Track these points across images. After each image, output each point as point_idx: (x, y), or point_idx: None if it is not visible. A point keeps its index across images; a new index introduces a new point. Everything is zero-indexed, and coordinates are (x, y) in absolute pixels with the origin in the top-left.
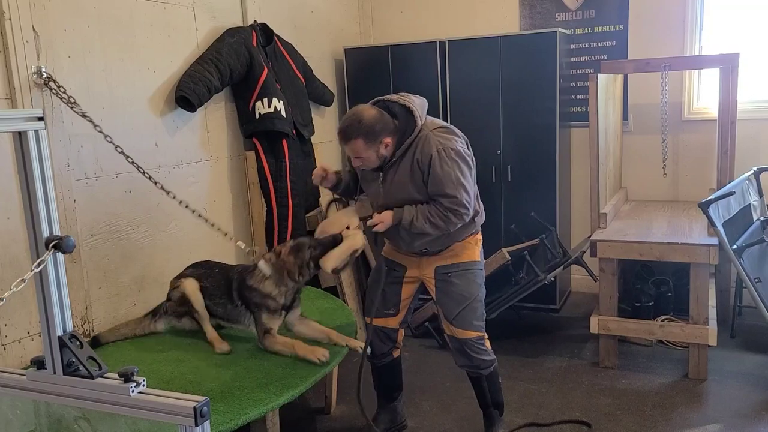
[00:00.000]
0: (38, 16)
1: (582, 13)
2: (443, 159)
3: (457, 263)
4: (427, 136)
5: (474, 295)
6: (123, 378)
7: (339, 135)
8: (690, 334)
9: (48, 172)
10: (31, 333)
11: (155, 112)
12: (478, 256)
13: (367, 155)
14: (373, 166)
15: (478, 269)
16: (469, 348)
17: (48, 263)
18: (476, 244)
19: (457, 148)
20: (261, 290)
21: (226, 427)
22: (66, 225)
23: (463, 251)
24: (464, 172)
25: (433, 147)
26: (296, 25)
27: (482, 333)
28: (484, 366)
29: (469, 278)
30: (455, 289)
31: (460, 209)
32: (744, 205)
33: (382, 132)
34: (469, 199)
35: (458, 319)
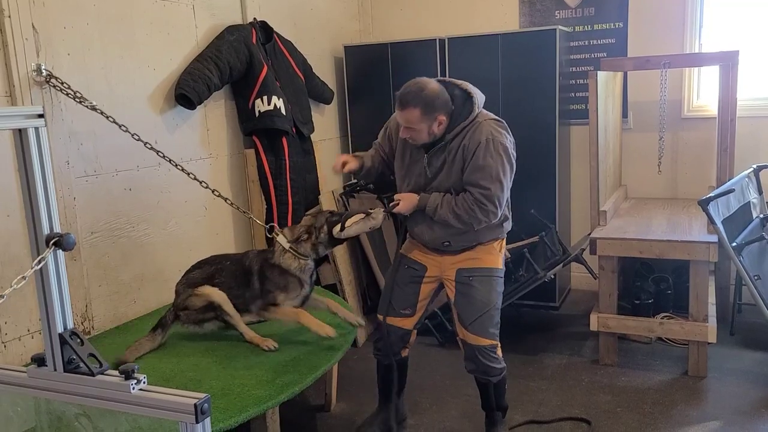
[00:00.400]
0: (38, 14)
1: (582, 10)
2: (489, 149)
3: (480, 267)
4: (480, 124)
5: (493, 303)
6: (124, 375)
7: (398, 101)
8: (689, 331)
9: (48, 169)
10: (31, 330)
11: (155, 109)
12: (501, 263)
13: (420, 127)
14: (422, 141)
15: (499, 277)
16: (482, 355)
17: (48, 261)
18: (500, 251)
19: (505, 143)
20: (280, 265)
21: (227, 425)
22: (66, 223)
23: (487, 256)
24: (506, 169)
25: (483, 135)
26: (296, 23)
27: (496, 341)
28: (494, 374)
29: (492, 285)
30: (476, 294)
31: (488, 204)
32: (743, 203)
33: (440, 108)
34: (501, 198)
35: (475, 325)
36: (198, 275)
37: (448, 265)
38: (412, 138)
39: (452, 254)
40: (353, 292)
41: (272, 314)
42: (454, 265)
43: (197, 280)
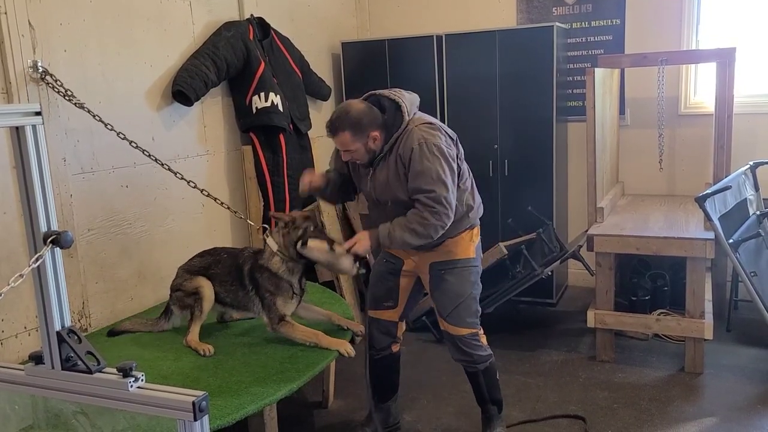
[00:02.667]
0: (34, 10)
1: (579, 7)
2: (423, 153)
3: (451, 260)
4: (411, 130)
5: (467, 293)
6: (121, 373)
7: (327, 128)
8: (686, 328)
9: (45, 167)
10: (28, 328)
11: (152, 106)
12: (473, 252)
13: (356, 147)
14: (363, 160)
15: (472, 266)
16: (463, 344)
17: (46, 258)
18: (471, 240)
19: (439, 144)
20: (269, 268)
21: (224, 422)
22: (63, 220)
23: (457, 248)
24: (445, 169)
25: (415, 141)
26: (293, 19)
27: (476, 329)
28: (480, 360)
29: (464, 276)
30: (449, 287)
31: (437, 206)
32: (740, 200)
33: (369, 126)
34: (448, 198)
35: (452, 316)
36: (197, 263)
37: (422, 260)
38: (353, 158)
39: (426, 250)
40: (350, 289)
41: (290, 334)
42: (427, 259)
43: (195, 268)
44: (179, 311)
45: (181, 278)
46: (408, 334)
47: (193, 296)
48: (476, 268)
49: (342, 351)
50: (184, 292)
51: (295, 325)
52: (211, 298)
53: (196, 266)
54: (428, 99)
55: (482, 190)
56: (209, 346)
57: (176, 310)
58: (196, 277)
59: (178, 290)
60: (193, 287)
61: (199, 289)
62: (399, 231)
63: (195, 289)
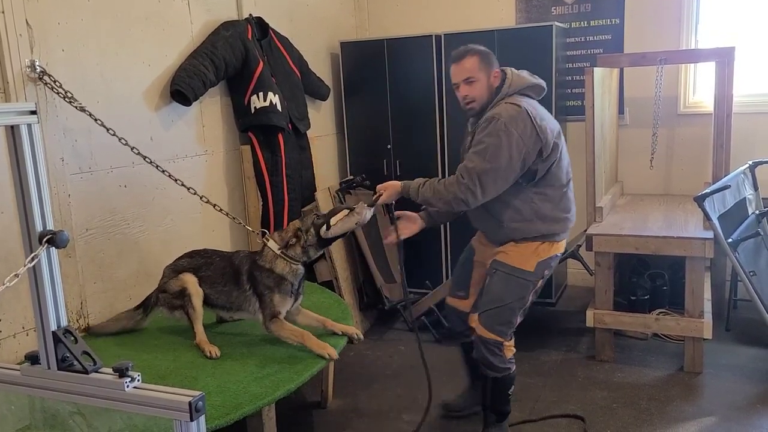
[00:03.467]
0: (31, 9)
1: (578, 6)
2: (489, 127)
3: (505, 263)
4: (500, 103)
5: (506, 302)
6: (118, 373)
7: (453, 58)
8: (685, 327)
9: (41, 166)
10: (26, 328)
11: (150, 106)
12: (532, 266)
13: (480, 77)
14: (481, 100)
15: (524, 279)
16: (484, 346)
17: (42, 258)
18: (534, 252)
19: (510, 126)
20: (273, 269)
21: (222, 422)
22: (61, 219)
23: (516, 255)
24: (500, 150)
25: (493, 112)
26: (292, 19)
27: (502, 339)
28: (494, 369)
29: (510, 284)
30: (492, 287)
31: (465, 178)
32: (739, 199)
33: (494, 63)
34: (483, 178)
35: (483, 315)
36: (186, 264)
37: (488, 254)
38: (471, 95)
39: (493, 243)
40: (349, 289)
41: (279, 332)
42: (493, 255)
43: (183, 268)
44: (169, 312)
45: (167, 278)
46: (407, 334)
47: (181, 295)
48: (528, 282)
49: (324, 354)
50: (171, 293)
51: (285, 324)
52: (200, 292)
53: (185, 266)
54: (427, 98)
55: None
56: (216, 349)
57: (166, 311)
58: (181, 276)
59: (164, 291)
60: (179, 286)
61: (185, 287)
62: (427, 186)
63: (180, 287)
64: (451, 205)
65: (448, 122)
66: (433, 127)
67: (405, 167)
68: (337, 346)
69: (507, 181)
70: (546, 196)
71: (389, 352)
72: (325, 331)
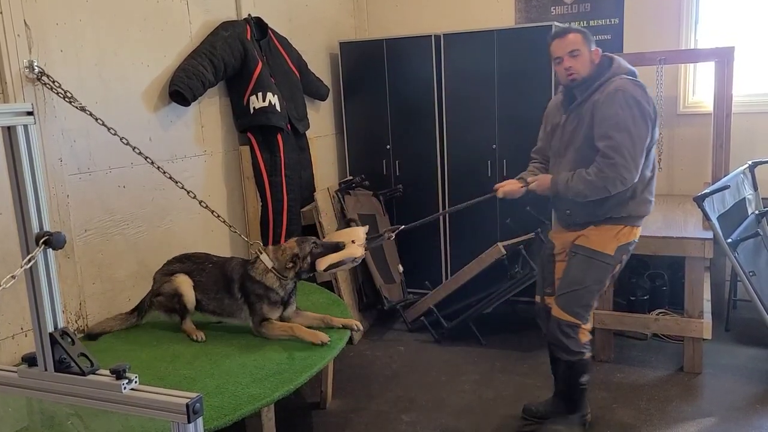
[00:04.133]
0: (30, 10)
1: (577, 6)
2: (617, 100)
3: (585, 246)
4: (614, 80)
5: (585, 284)
6: (115, 375)
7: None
8: (685, 327)
9: (38, 167)
10: (24, 329)
11: (149, 106)
12: (612, 249)
13: (583, 51)
14: (583, 73)
15: (603, 262)
16: (559, 328)
17: (38, 259)
18: (615, 237)
19: (637, 97)
20: (263, 282)
21: (222, 423)
22: (59, 220)
23: (596, 238)
24: (636, 121)
25: (614, 86)
26: (291, 19)
27: (578, 321)
28: (567, 352)
29: (590, 266)
30: (570, 270)
31: (615, 156)
32: (739, 199)
33: (594, 42)
34: (631, 150)
35: (561, 297)
36: (177, 268)
37: (568, 242)
38: (575, 67)
39: (574, 230)
40: (348, 289)
41: (269, 332)
42: (572, 241)
43: (175, 272)
44: (167, 315)
45: (159, 282)
46: (406, 334)
47: (175, 299)
48: (607, 266)
49: (317, 341)
50: (165, 296)
51: (274, 323)
52: (191, 294)
53: (176, 271)
54: (426, 99)
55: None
56: (201, 333)
57: (163, 314)
58: (174, 277)
59: (159, 295)
60: (173, 289)
61: (178, 290)
62: (576, 179)
63: (174, 290)
64: (608, 190)
65: (447, 123)
66: (432, 127)
67: (404, 168)
68: (340, 341)
69: (644, 151)
70: (641, 176)
71: (389, 353)
72: (326, 328)
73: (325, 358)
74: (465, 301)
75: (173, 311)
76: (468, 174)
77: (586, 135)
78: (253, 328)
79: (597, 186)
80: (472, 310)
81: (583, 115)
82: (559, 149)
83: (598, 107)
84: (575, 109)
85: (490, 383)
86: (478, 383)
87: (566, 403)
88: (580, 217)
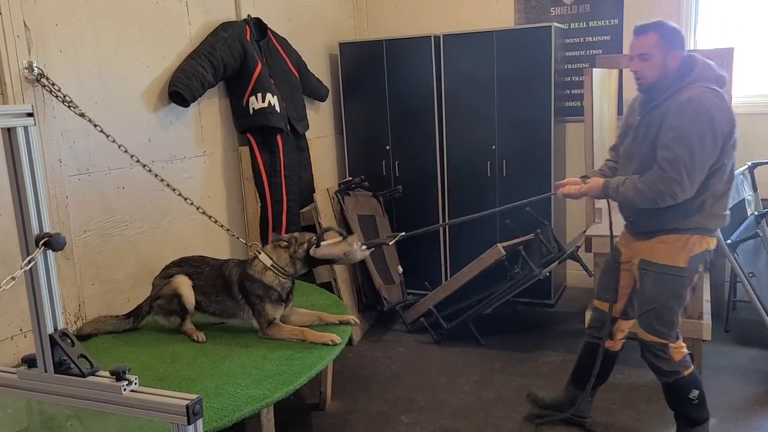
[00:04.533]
0: (29, 10)
1: (577, 7)
2: (686, 110)
3: (654, 263)
4: (691, 86)
5: (662, 302)
6: (115, 376)
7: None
8: (684, 328)
9: (38, 168)
10: (23, 330)
11: (148, 107)
12: (684, 261)
13: (654, 54)
14: (650, 78)
15: (676, 275)
16: (648, 350)
17: (38, 261)
18: (684, 247)
19: (710, 110)
20: (262, 280)
21: (221, 424)
22: (59, 221)
23: (666, 250)
24: (703, 136)
25: (687, 95)
26: (290, 20)
27: (665, 341)
28: (661, 374)
29: (663, 283)
30: (644, 290)
31: (669, 171)
32: (738, 200)
33: (677, 43)
34: (689, 167)
35: (642, 318)
36: (175, 272)
37: (635, 253)
38: (641, 72)
39: (641, 240)
40: (348, 290)
41: (278, 334)
42: (639, 253)
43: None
44: (165, 319)
45: (157, 287)
46: (406, 335)
47: (175, 299)
48: (682, 279)
49: (327, 342)
50: (165, 298)
51: (282, 325)
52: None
53: (175, 274)
54: (426, 99)
55: (480, 191)
56: (202, 334)
57: (162, 319)
58: (173, 279)
59: (158, 298)
60: (172, 290)
61: (177, 290)
62: (628, 185)
63: (173, 291)
64: (656, 203)
65: (447, 123)
66: (432, 128)
67: (404, 168)
68: (336, 347)
69: (705, 169)
70: (712, 190)
71: (388, 354)
72: (322, 325)
73: (325, 359)
74: (465, 302)
75: (173, 313)
76: (467, 174)
77: (653, 143)
78: (260, 330)
79: (646, 196)
80: (472, 310)
81: (654, 121)
82: (628, 153)
83: (667, 115)
84: (650, 112)
85: (489, 384)
86: (478, 384)
87: (686, 420)
88: (642, 226)
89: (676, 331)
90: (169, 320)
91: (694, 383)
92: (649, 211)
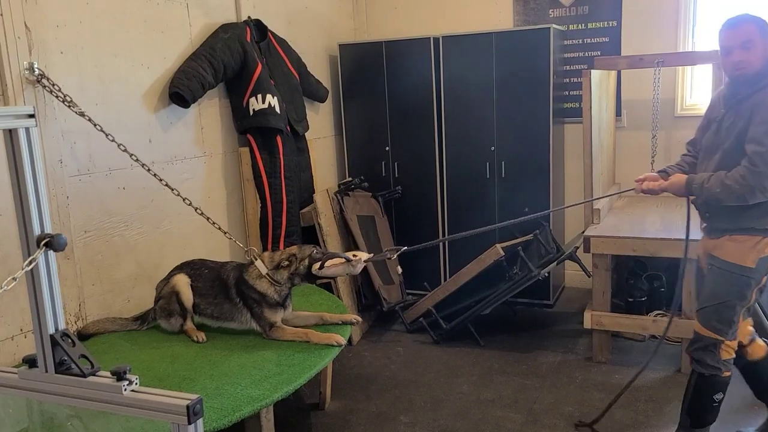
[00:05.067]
0: (30, 12)
1: (575, 9)
2: None
3: (720, 259)
4: None
5: (722, 299)
6: (115, 376)
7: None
8: (683, 329)
9: (39, 169)
10: (24, 330)
11: (149, 108)
12: (752, 262)
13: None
14: (754, 66)
15: (742, 275)
16: (698, 342)
17: (39, 261)
18: (755, 247)
19: None
20: (257, 288)
21: (221, 424)
22: (59, 222)
23: (734, 249)
24: None
25: None
26: (290, 21)
27: (719, 337)
28: (701, 364)
29: (727, 280)
30: (708, 284)
31: (760, 166)
32: None
33: None
34: None
35: (700, 312)
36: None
37: (707, 250)
38: (746, 60)
39: (713, 237)
40: (348, 290)
41: (282, 337)
42: (709, 250)
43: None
44: (167, 322)
45: (159, 289)
46: (405, 335)
47: (173, 297)
48: (748, 279)
49: (332, 342)
50: (165, 298)
51: (286, 328)
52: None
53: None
54: (425, 100)
55: (479, 192)
56: (202, 334)
57: (163, 322)
58: (171, 278)
59: (159, 299)
60: (170, 288)
61: (175, 288)
62: (714, 181)
63: (171, 289)
64: (745, 199)
65: (446, 124)
66: (431, 129)
67: (403, 169)
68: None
69: None
70: None
71: (387, 354)
72: (323, 325)
73: (324, 360)
74: (464, 303)
75: (173, 313)
76: (466, 175)
77: (739, 136)
78: (263, 333)
79: (735, 192)
80: (471, 311)
81: (742, 114)
82: (709, 147)
83: (758, 107)
84: (736, 105)
85: (488, 384)
86: (477, 384)
87: (693, 418)
88: (719, 223)
89: (734, 330)
90: (170, 322)
91: (723, 387)
92: (728, 208)
